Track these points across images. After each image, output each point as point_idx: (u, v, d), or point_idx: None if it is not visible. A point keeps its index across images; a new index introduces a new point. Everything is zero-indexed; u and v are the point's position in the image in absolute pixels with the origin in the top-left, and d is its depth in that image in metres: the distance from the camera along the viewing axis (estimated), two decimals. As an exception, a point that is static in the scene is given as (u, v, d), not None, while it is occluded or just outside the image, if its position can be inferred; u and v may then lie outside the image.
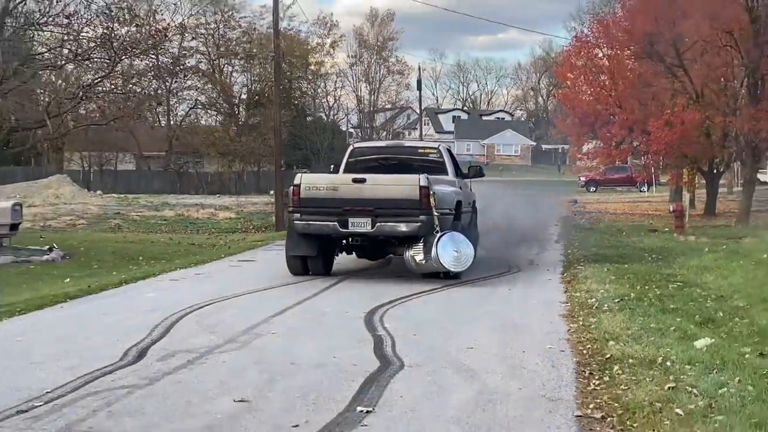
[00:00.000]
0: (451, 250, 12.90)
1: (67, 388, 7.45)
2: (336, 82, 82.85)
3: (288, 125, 47.02)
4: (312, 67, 63.60)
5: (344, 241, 14.45)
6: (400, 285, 13.67)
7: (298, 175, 14.50)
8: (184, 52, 36.01)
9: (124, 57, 23.48)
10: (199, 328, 10.40)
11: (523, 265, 16.97)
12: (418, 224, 13.03)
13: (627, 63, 33.11)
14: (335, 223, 13.37)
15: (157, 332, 10.00)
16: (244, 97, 57.98)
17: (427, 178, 13.24)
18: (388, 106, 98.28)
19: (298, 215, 13.64)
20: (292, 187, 13.92)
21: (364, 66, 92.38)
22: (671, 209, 30.92)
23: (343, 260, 15.71)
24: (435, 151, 16.84)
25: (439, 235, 12.85)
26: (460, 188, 15.73)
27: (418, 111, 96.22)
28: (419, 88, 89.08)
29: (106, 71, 23.07)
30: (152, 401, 7.17)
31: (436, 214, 12.97)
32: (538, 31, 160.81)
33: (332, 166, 17.83)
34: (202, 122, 59.96)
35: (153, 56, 27.95)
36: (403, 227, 13.17)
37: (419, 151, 17.68)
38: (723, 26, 28.14)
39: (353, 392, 7.39)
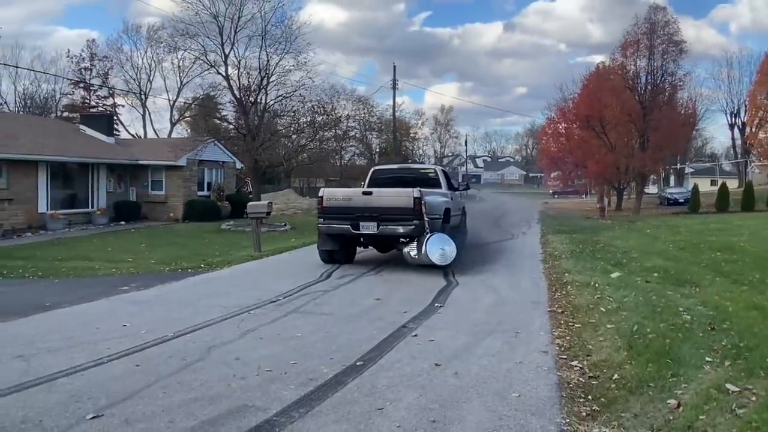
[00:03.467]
0: (438, 249, 9.19)
1: (293, 291, 7.68)
2: (423, 142, 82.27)
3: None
4: (411, 135, 62.94)
5: (360, 239, 10.26)
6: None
7: (322, 189, 10.54)
8: (348, 128, 36.22)
9: (319, 131, 23.87)
10: (355, 263, 10.54)
11: (518, 235, 16.57)
12: (412, 227, 9.32)
13: (575, 131, 31.92)
14: (349, 225, 9.66)
15: (336, 265, 10.19)
16: (378, 150, 58.02)
17: (420, 191, 9.45)
18: (450, 154, 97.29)
19: (322, 219, 9.93)
20: (318, 198, 10.21)
21: (438, 134, 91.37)
22: (598, 206, 29.94)
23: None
24: (432, 170, 12.54)
25: (428, 235, 9.22)
26: (451, 198, 11.38)
27: (464, 157, 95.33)
28: (466, 144, 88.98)
29: (311, 138, 23.52)
30: (334, 298, 7.33)
31: (426, 219, 9.32)
32: (528, 115, 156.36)
33: (362, 183, 13.31)
34: (357, 163, 60.21)
35: (333, 130, 28.39)
36: (400, 229, 9.42)
37: (421, 171, 12.72)
38: (626, 111, 27.33)
39: (432, 296, 7.39)
